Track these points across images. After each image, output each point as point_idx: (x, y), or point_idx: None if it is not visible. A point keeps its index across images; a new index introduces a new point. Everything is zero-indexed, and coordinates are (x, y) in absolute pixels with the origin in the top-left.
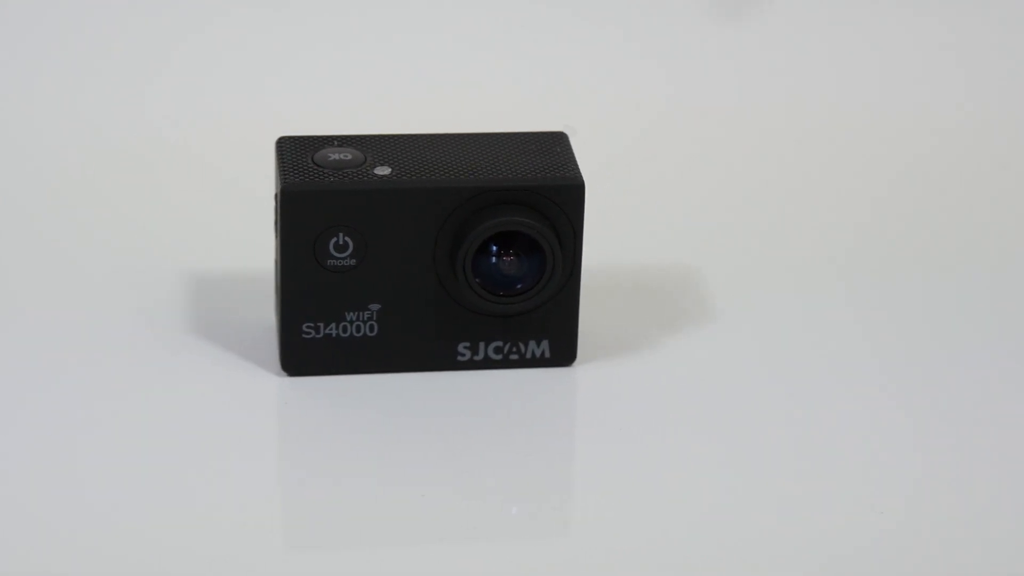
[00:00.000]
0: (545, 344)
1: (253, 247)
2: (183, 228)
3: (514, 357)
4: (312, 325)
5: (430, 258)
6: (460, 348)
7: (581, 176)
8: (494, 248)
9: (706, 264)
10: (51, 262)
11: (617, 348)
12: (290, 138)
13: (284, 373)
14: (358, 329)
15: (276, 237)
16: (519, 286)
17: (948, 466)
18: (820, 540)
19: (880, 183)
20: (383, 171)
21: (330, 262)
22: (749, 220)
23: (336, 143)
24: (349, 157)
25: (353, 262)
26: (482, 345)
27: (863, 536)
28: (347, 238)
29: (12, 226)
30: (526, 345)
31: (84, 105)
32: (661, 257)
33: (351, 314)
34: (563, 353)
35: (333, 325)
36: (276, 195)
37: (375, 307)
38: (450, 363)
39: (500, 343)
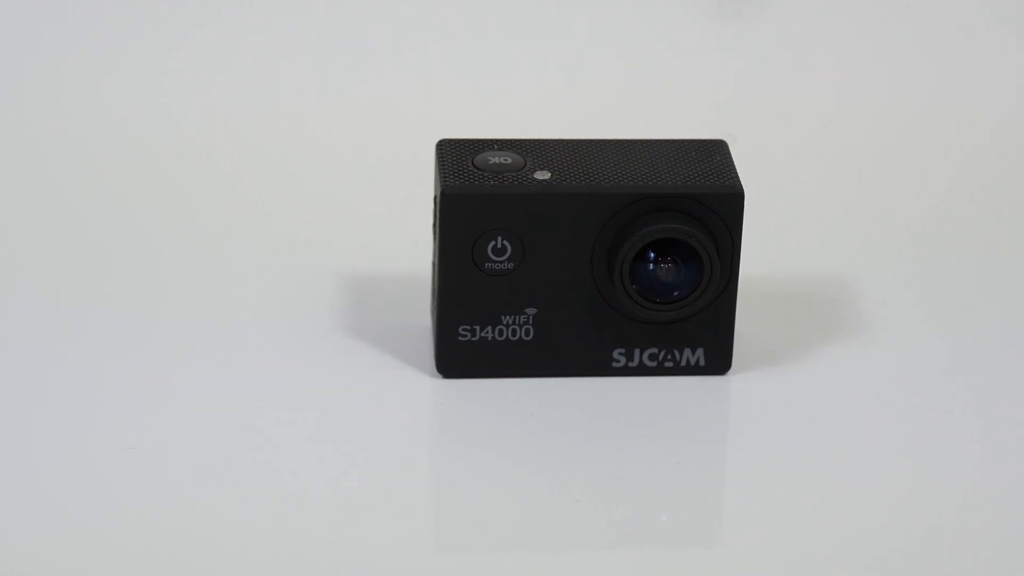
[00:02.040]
0: (700, 352)
1: (411, 249)
2: (342, 229)
3: (669, 364)
4: (468, 328)
5: (587, 263)
6: (615, 354)
7: (740, 184)
8: (652, 255)
9: (864, 274)
10: (212, 263)
11: (772, 358)
12: (450, 141)
13: (439, 375)
14: (514, 333)
15: (434, 239)
16: (676, 293)
17: None
18: (976, 560)
19: None
20: (543, 176)
21: (488, 265)
22: (908, 229)
23: (496, 147)
24: (509, 161)
25: (511, 266)
26: (637, 352)
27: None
28: (505, 242)
29: (175, 227)
30: (681, 353)
31: (251, 102)
32: (819, 267)
33: (507, 317)
34: (718, 362)
35: (489, 328)
36: (435, 198)
37: (531, 311)
38: (605, 369)
39: (655, 350)
